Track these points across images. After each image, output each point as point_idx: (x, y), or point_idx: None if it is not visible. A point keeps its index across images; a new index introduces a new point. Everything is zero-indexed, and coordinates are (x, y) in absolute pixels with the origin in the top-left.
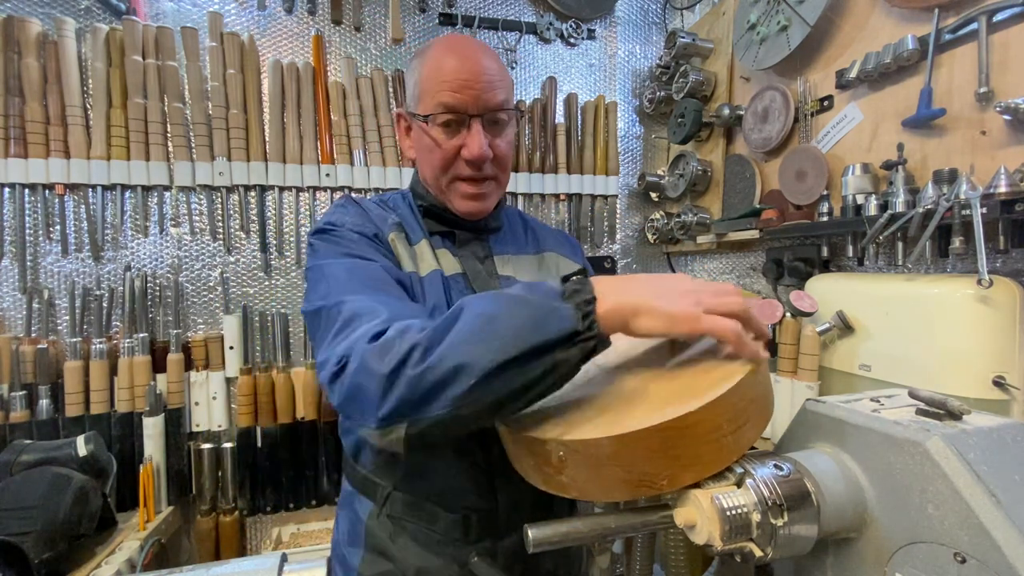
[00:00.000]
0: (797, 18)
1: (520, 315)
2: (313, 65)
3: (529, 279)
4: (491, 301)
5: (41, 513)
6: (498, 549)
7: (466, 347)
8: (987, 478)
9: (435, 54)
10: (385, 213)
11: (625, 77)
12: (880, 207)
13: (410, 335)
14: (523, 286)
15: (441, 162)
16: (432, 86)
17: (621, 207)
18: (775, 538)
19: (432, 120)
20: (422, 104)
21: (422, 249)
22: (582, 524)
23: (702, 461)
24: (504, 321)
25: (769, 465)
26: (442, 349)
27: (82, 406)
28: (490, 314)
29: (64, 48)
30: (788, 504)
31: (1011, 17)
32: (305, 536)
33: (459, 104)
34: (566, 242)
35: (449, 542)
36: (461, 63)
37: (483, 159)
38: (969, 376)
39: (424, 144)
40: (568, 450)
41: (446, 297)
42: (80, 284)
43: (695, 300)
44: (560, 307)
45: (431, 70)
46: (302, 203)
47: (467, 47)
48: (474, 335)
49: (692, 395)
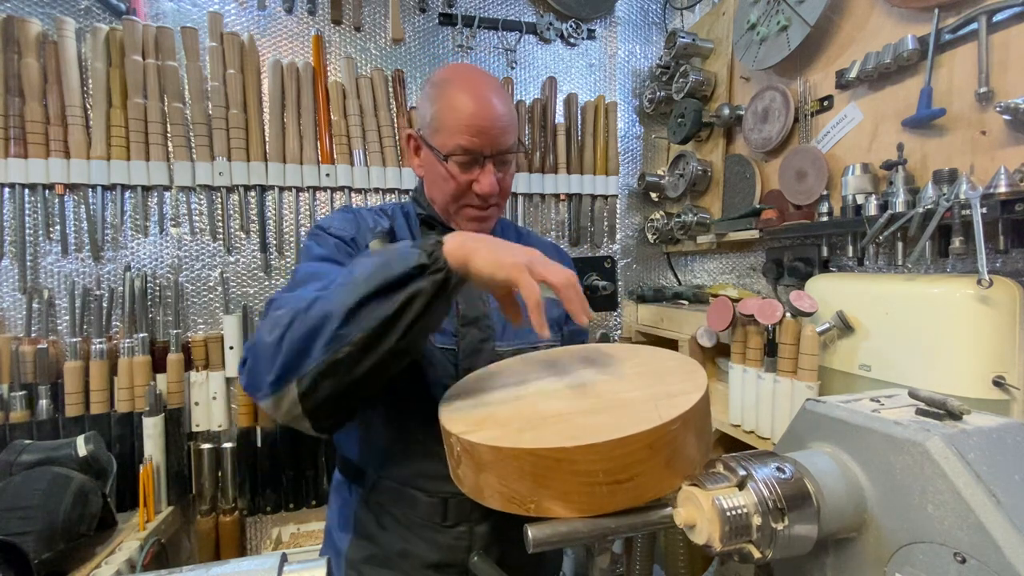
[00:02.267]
0: (797, 18)
1: (374, 262)
2: (313, 65)
3: None
4: (357, 261)
5: (41, 513)
6: (474, 534)
7: (330, 298)
8: (987, 478)
9: (454, 92)
10: (377, 220)
11: (625, 77)
12: (880, 207)
13: (292, 304)
14: None
15: (453, 193)
16: (450, 125)
17: (621, 207)
18: (775, 538)
19: (449, 158)
20: (438, 138)
21: None
22: (582, 524)
23: (570, 499)
24: (360, 269)
25: (770, 465)
26: (313, 307)
27: (82, 406)
28: (350, 270)
29: (64, 48)
30: (788, 505)
31: (1011, 17)
32: (305, 536)
33: (475, 148)
34: (557, 256)
35: (429, 526)
36: (478, 108)
37: (493, 195)
38: (969, 376)
39: (437, 172)
40: (462, 447)
41: None
42: (80, 284)
43: (527, 260)
44: (409, 251)
45: (449, 108)
46: (302, 203)
47: (484, 90)
48: (337, 288)
49: (593, 432)
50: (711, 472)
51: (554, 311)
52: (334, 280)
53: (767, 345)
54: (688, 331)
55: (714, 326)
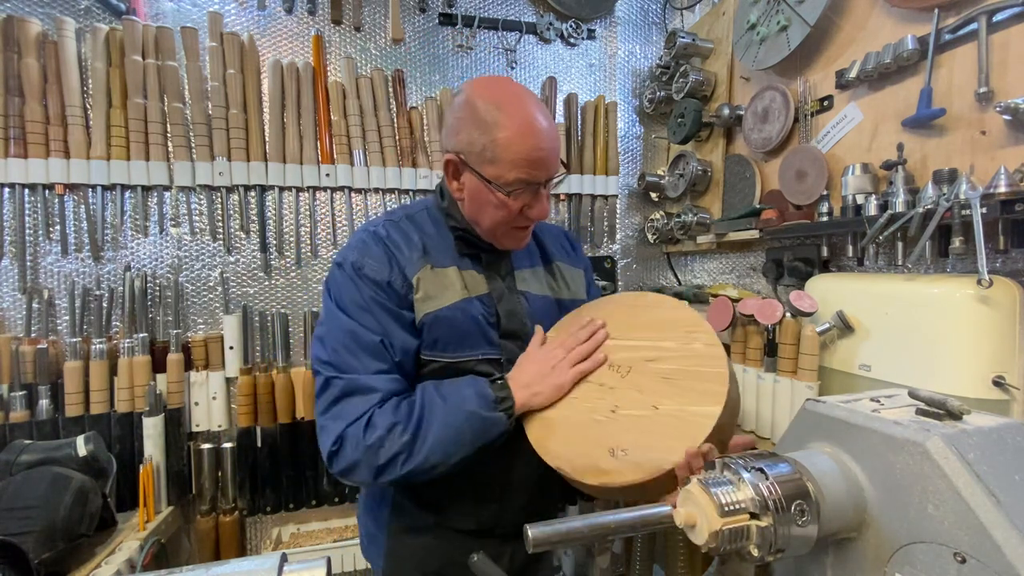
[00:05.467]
0: (797, 18)
1: (473, 428)
2: (313, 65)
3: (540, 292)
4: (451, 413)
5: (41, 513)
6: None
7: (439, 451)
8: (987, 478)
9: (509, 123)
10: (410, 245)
11: (625, 77)
12: (880, 207)
13: (395, 438)
14: (469, 385)
15: (505, 219)
16: (508, 158)
17: (621, 207)
18: (775, 538)
19: (511, 193)
20: (492, 169)
21: (450, 276)
22: (582, 524)
23: None
24: (464, 434)
25: (769, 465)
26: (423, 454)
27: (82, 406)
28: (454, 426)
29: (64, 48)
30: (788, 504)
31: (1011, 17)
32: (305, 536)
33: (535, 180)
34: (566, 244)
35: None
36: (537, 140)
37: (546, 218)
38: (969, 376)
39: (487, 199)
40: None
41: (463, 324)
42: (80, 284)
43: (566, 364)
44: (496, 417)
45: (507, 142)
46: (302, 203)
47: (537, 118)
48: (444, 443)
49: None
50: (711, 472)
51: None
52: (427, 411)
53: (767, 345)
54: None
55: (714, 326)
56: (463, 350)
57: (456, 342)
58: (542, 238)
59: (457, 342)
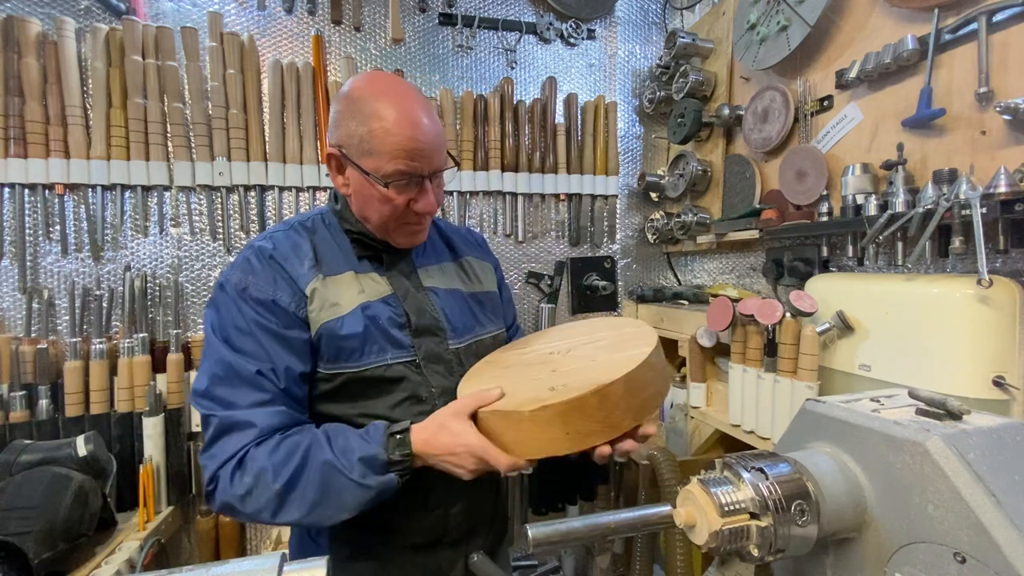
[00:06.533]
0: (797, 18)
1: (356, 493)
2: (313, 65)
3: (449, 286)
4: (327, 471)
5: (41, 513)
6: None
7: (315, 515)
8: (987, 478)
9: (383, 113)
10: (300, 255)
11: (625, 77)
12: (880, 207)
13: (264, 487)
14: (355, 435)
15: (392, 213)
16: (386, 150)
17: (621, 207)
18: (775, 538)
19: (389, 184)
20: (371, 162)
21: (346, 283)
22: (582, 524)
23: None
24: (345, 496)
25: (769, 465)
26: (293, 515)
27: (82, 406)
28: (330, 484)
29: (64, 48)
30: (788, 504)
31: (1011, 17)
32: None
33: (415, 171)
34: (472, 241)
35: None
36: (414, 131)
37: (433, 212)
38: (969, 376)
39: (371, 194)
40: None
41: (364, 330)
42: (80, 284)
43: (473, 466)
44: (390, 480)
45: (382, 132)
46: (302, 203)
47: (415, 109)
48: (318, 504)
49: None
50: (711, 472)
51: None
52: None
53: (767, 345)
54: (688, 331)
55: (714, 326)
56: (367, 357)
57: (358, 350)
58: (449, 235)
59: (360, 350)
